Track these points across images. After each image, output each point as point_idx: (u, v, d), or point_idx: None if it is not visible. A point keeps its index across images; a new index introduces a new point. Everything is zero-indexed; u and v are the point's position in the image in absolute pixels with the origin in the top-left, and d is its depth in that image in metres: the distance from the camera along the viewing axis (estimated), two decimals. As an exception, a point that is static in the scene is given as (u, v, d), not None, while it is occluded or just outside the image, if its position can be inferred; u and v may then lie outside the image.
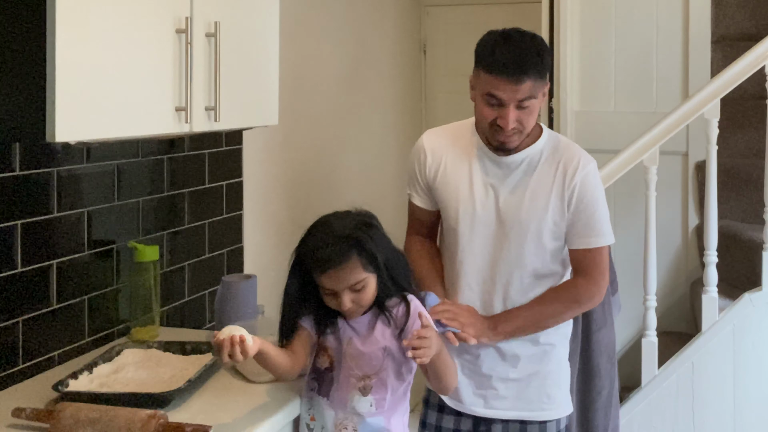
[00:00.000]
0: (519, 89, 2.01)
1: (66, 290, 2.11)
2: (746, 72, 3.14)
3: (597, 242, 2.13)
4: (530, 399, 2.18)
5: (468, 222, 2.15)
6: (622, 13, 3.85)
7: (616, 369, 2.85)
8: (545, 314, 2.13)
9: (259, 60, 2.27)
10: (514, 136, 2.07)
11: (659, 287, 3.21)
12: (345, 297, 1.82)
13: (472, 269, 2.16)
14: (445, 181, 2.19)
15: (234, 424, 1.77)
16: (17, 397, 1.89)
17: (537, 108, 2.08)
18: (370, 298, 1.86)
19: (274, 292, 2.36)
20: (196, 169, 2.59)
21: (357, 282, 1.82)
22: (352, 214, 1.89)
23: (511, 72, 2.00)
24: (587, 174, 2.13)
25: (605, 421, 2.81)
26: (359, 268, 1.81)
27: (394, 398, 1.90)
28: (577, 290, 2.13)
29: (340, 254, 1.80)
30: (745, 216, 3.66)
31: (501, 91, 2.02)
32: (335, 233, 1.82)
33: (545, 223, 2.11)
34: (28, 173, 1.98)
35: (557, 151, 2.16)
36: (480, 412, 2.20)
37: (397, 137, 4.26)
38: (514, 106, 2.02)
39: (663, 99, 3.76)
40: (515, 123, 2.04)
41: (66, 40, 1.60)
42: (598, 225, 2.13)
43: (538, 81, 2.03)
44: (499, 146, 2.10)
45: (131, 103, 1.77)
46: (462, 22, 4.48)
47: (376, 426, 1.87)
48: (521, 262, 2.12)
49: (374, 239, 1.84)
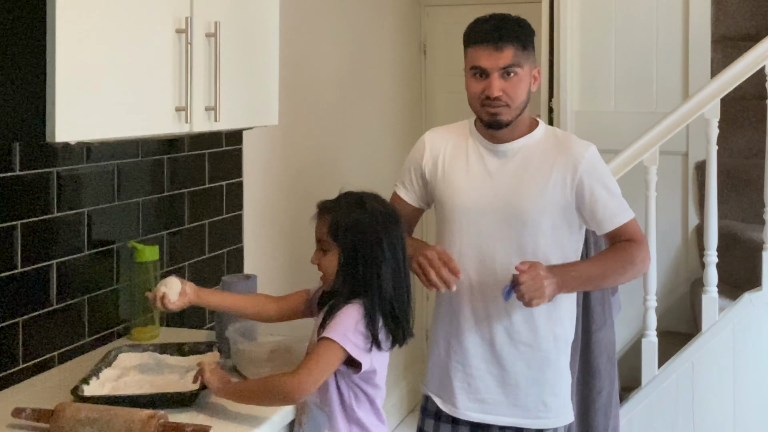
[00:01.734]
0: (500, 56, 2.07)
1: (66, 290, 2.11)
2: (746, 72, 3.14)
3: (626, 216, 2.15)
4: (527, 406, 2.17)
5: (465, 212, 2.16)
6: (622, 13, 3.85)
7: (616, 369, 2.86)
8: (605, 268, 2.13)
9: (259, 60, 2.26)
10: (503, 109, 2.09)
11: (659, 287, 3.21)
12: (315, 251, 1.93)
13: (471, 259, 2.15)
14: (443, 174, 2.20)
15: (234, 424, 1.77)
16: (17, 397, 1.89)
17: (524, 81, 2.11)
18: (332, 270, 1.88)
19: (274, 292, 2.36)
20: (196, 169, 2.59)
21: (320, 240, 1.91)
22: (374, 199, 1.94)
23: (491, 39, 2.08)
24: (590, 160, 2.14)
25: (605, 421, 2.82)
26: (326, 227, 1.90)
27: (340, 402, 1.86)
28: (631, 250, 2.13)
29: (324, 207, 1.95)
30: (745, 216, 3.67)
31: (484, 60, 2.09)
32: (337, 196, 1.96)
33: (543, 212, 2.12)
34: (28, 173, 1.98)
35: (555, 141, 2.18)
36: (476, 418, 2.19)
37: (397, 137, 4.26)
38: (498, 74, 2.08)
39: (663, 99, 3.76)
40: (500, 92, 2.07)
41: (66, 39, 1.60)
42: (620, 201, 2.16)
43: (520, 50, 2.08)
44: (491, 121, 2.12)
45: (131, 103, 1.77)
46: (462, 22, 4.43)
47: (318, 420, 1.87)
48: (520, 250, 2.12)
49: (350, 214, 1.88)
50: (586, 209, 2.13)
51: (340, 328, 1.80)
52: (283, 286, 3.05)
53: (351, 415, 1.87)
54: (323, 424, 1.87)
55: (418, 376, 4.44)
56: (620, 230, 2.15)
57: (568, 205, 2.13)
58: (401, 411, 4.32)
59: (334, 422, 1.86)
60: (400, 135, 4.29)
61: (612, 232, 2.15)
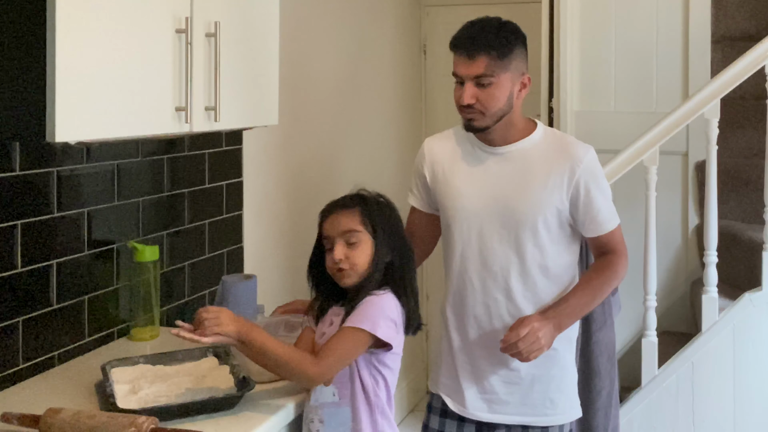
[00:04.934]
0: (473, 64, 2.09)
1: (66, 290, 2.11)
2: (746, 72, 3.14)
3: (614, 224, 2.20)
4: (534, 404, 2.18)
5: (465, 214, 2.17)
6: (622, 13, 3.85)
7: (616, 369, 2.85)
8: (595, 293, 2.17)
9: (259, 60, 2.26)
10: (476, 115, 2.11)
11: (659, 287, 3.21)
12: (338, 246, 1.90)
13: (473, 262, 2.17)
14: (444, 180, 2.23)
15: (234, 424, 1.77)
16: (17, 397, 1.89)
17: (501, 89, 2.11)
18: (363, 261, 1.90)
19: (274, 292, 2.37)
20: (196, 169, 2.59)
21: (350, 230, 1.90)
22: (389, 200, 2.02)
23: (464, 47, 2.11)
24: (587, 166, 2.15)
25: (605, 421, 2.81)
26: (357, 218, 1.91)
27: (363, 391, 1.88)
28: (614, 265, 2.19)
29: (345, 202, 1.96)
30: (745, 216, 3.67)
31: (459, 68, 2.12)
32: (351, 193, 1.99)
33: (540, 214, 2.13)
34: (28, 173, 1.98)
35: (553, 143, 2.19)
36: (484, 417, 2.20)
37: (397, 137, 4.26)
38: (472, 83, 2.10)
39: (663, 99, 3.76)
40: (472, 99, 2.09)
41: (66, 39, 1.60)
42: (611, 206, 2.20)
43: (495, 60, 2.09)
44: (466, 126, 2.16)
45: (131, 103, 1.77)
46: (462, 22, 4.45)
47: (342, 417, 1.87)
48: (519, 251, 2.14)
49: (381, 209, 1.95)
50: (579, 211, 2.15)
51: (371, 316, 1.84)
52: (283, 286, 3.05)
53: (375, 403, 1.88)
54: (346, 422, 1.87)
55: (418, 376, 4.44)
56: (607, 236, 2.19)
57: (564, 207, 2.14)
58: (402, 410, 4.32)
59: (357, 415, 1.87)
60: (400, 135, 4.29)
61: (599, 237, 2.19)
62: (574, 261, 2.24)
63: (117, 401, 1.77)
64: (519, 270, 2.15)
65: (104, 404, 1.79)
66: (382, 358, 1.89)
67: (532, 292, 2.16)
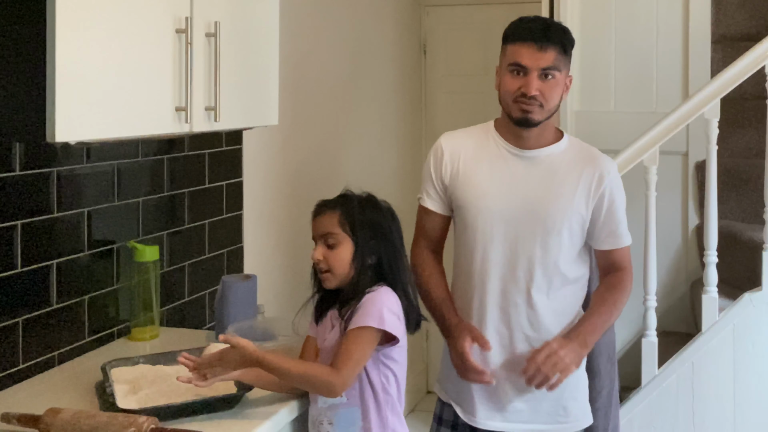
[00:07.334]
0: (543, 56, 2.08)
1: (66, 290, 2.11)
2: (746, 72, 3.13)
3: (628, 240, 2.22)
4: (547, 411, 2.16)
5: (488, 217, 2.13)
6: (622, 13, 3.85)
7: (616, 369, 2.85)
8: (611, 310, 2.18)
9: (259, 60, 2.26)
10: (536, 108, 2.10)
11: (659, 287, 3.21)
12: (317, 248, 1.91)
13: (497, 265, 2.13)
14: (465, 178, 2.17)
15: (234, 424, 1.77)
16: (17, 397, 1.89)
17: (560, 85, 2.12)
18: (341, 263, 1.89)
19: (274, 292, 2.38)
20: (196, 169, 2.59)
21: (328, 233, 1.90)
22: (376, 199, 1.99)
23: (536, 38, 2.09)
24: (614, 178, 2.18)
25: (605, 421, 2.81)
26: (336, 220, 1.90)
27: (372, 389, 1.88)
28: (625, 282, 2.22)
29: (327, 203, 1.95)
30: (745, 216, 3.66)
31: (526, 58, 2.09)
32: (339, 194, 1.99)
33: (567, 221, 2.12)
34: (28, 173, 1.98)
35: (581, 152, 2.19)
36: (497, 426, 2.16)
37: (397, 137, 4.26)
38: (537, 74, 2.08)
39: (663, 99, 3.76)
40: (537, 91, 2.08)
41: (66, 39, 1.60)
42: (625, 224, 2.21)
43: (561, 55, 2.10)
44: (521, 118, 2.11)
45: (131, 103, 1.77)
46: (462, 22, 4.48)
47: (351, 417, 1.87)
48: (544, 258, 2.12)
49: (364, 210, 1.92)
50: (599, 221, 2.15)
51: (374, 313, 1.83)
52: (283, 286, 3.06)
53: (385, 400, 1.88)
54: (356, 421, 1.87)
55: (418, 376, 4.44)
56: (621, 252, 2.21)
57: (587, 217, 2.15)
58: (401, 411, 4.31)
59: (367, 414, 1.87)
60: (400, 135, 4.29)
61: (613, 252, 2.20)
62: (586, 273, 2.23)
63: (117, 401, 1.77)
64: (542, 275, 2.12)
65: (104, 404, 1.79)
66: (389, 352, 1.89)
67: (551, 299, 2.13)
